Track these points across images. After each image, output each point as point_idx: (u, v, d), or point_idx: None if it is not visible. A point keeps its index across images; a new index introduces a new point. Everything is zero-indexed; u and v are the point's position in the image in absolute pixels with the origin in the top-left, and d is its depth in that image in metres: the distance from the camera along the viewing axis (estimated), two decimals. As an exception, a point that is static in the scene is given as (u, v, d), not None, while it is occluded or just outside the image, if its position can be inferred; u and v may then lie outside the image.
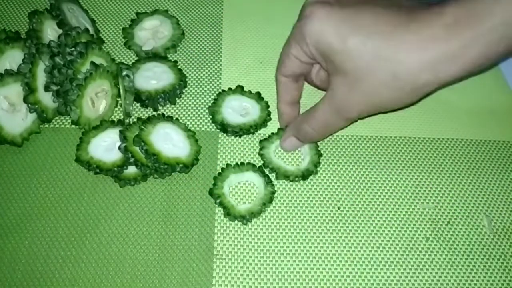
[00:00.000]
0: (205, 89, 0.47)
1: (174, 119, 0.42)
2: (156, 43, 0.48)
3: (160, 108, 0.45)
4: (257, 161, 0.42)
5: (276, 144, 0.43)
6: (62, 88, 0.40)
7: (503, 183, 0.42)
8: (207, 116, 0.45)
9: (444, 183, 0.42)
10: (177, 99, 0.45)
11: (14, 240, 0.37)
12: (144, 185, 0.40)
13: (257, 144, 0.43)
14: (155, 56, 0.47)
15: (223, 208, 0.39)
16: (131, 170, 0.40)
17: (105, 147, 0.41)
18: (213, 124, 0.44)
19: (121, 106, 0.44)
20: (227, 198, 0.39)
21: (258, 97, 0.45)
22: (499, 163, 0.44)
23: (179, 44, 0.49)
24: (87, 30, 0.44)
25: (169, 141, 0.40)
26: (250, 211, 0.39)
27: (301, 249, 0.38)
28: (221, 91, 0.45)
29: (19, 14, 0.51)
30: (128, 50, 0.49)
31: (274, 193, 0.40)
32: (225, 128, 0.43)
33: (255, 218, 0.39)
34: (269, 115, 0.44)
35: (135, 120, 0.42)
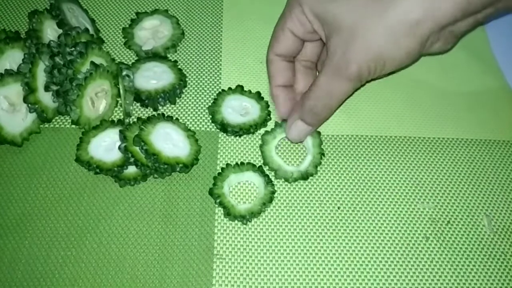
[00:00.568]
0: (205, 89, 0.47)
1: (174, 119, 0.42)
2: (156, 43, 0.48)
3: (160, 108, 0.45)
4: (257, 161, 0.42)
5: (278, 139, 0.42)
6: (62, 88, 0.40)
7: (503, 183, 0.42)
8: (207, 116, 0.45)
9: (444, 183, 0.42)
10: (177, 99, 0.45)
11: (14, 240, 0.37)
12: (144, 185, 0.40)
13: (257, 144, 0.43)
14: (155, 56, 0.47)
15: (223, 208, 0.39)
16: (131, 170, 0.40)
17: (105, 147, 0.41)
18: (213, 124, 0.44)
19: (121, 106, 0.44)
20: (227, 198, 0.39)
21: (258, 97, 0.45)
22: (499, 163, 0.44)
23: (179, 44, 0.49)
24: (87, 30, 0.44)
25: (169, 141, 0.40)
26: (250, 211, 0.39)
27: (301, 249, 0.38)
28: (221, 91, 0.45)
29: (19, 14, 0.51)
30: (128, 50, 0.49)
31: (274, 193, 0.40)
32: (225, 128, 0.43)
33: (255, 218, 0.39)
34: (269, 115, 0.44)
35: (135, 120, 0.42)
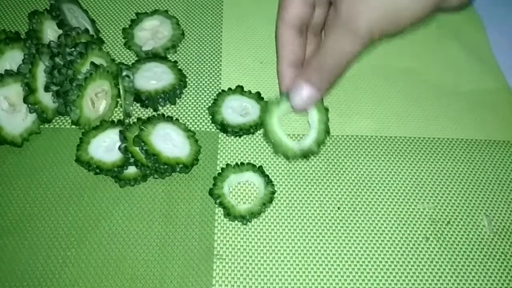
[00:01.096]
0: (205, 89, 0.47)
1: (174, 119, 0.42)
2: (156, 43, 0.48)
3: (160, 108, 0.45)
4: (257, 161, 0.42)
5: (282, 109, 0.36)
6: (62, 88, 0.40)
7: (503, 183, 0.42)
8: (207, 116, 0.45)
9: (444, 183, 0.42)
10: (177, 99, 0.45)
11: (14, 240, 0.37)
12: (144, 185, 0.40)
13: (257, 144, 0.43)
14: (155, 56, 0.47)
15: (223, 208, 0.39)
16: (131, 170, 0.40)
17: (105, 147, 0.41)
18: (213, 124, 0.44)
19: (121, 106, 0.44)
20: (227, 198, 0.39)
21: (258, 97, 0.45)
22: (499, 163, 0.44)
23: (179, 44, 0.49)
24: (87, 30, 0.44)
25: (169, 141, 0.40)
26: (250, 211, 0.39)
27: (301, 249, 0.38)
28: (221, 91, 0.45)
29: (19, 14, 0.51)
30: (128, 50, 0.49)
31: (274, 193, 0.40)
32: (225, 128, 0.43)
33: (255, 218, 0.39)
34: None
35: (135, 120, 0.42)
